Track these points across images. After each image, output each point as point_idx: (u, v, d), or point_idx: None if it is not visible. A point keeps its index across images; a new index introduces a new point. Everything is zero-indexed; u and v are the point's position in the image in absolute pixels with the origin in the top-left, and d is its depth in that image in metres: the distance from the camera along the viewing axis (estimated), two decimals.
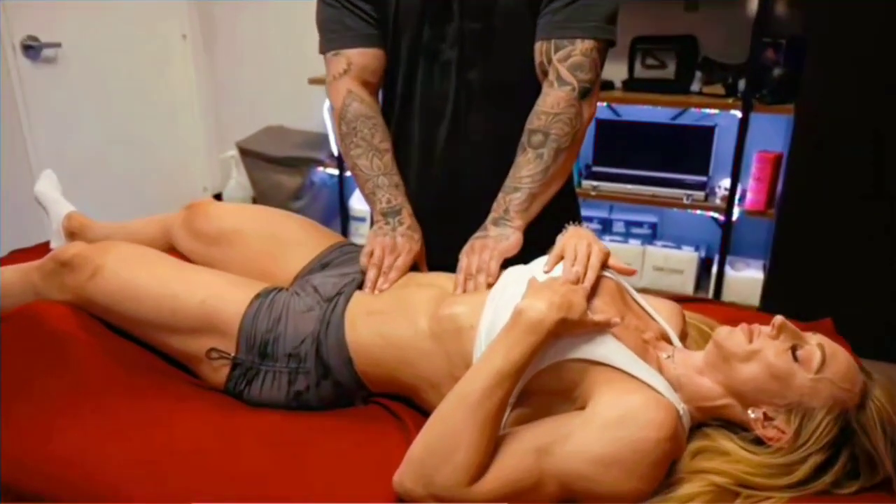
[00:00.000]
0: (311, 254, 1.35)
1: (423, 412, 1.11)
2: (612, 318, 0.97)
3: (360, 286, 1.23)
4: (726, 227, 2.60)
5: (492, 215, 1.26)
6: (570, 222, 1.23)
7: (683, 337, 1.16)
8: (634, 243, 2.86)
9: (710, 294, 2.65)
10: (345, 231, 3.02)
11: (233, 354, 1.14)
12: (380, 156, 1.31)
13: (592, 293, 1.03)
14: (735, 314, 1.46)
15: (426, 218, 1.34)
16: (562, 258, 1.11)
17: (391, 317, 1.13)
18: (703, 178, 2.68)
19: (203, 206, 1.44)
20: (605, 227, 2.94)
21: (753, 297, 2.60)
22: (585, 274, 1.06)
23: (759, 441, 0.94)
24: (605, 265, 1.10)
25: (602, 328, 0.97)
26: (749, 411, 0.95)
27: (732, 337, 0.97)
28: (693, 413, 0.99)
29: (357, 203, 3.05)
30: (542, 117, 1.22)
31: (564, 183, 1.29)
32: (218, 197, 3.28)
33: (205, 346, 1.15)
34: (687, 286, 2.76)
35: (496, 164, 1.29)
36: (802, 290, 2.40)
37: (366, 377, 1.13)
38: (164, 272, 1.20)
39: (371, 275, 1.23)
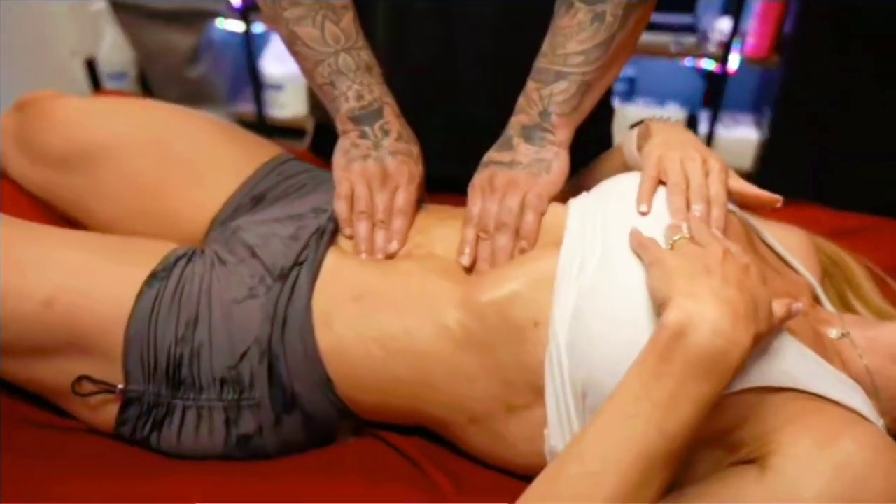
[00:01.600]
0: (233, 179, 0.86)
1: (447, 445, 0.71)
2: (794, 304, 0.58)
3: (332, 237, 0.76)
4: (721, 78, 2.19)
5: (517, 120, 0.79)
6: (640, 123, 0.80)
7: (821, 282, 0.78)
8: None
9: None
10: (259, 105, 2.43)
11: (119, 386, 0.68)
12: (335, 17, 0.80)
13: None
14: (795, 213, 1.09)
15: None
16: (660, 184, 0.69)
17: (393, 304, 0.69)
18: (689, 19, 2.22)
19: (46, 104, 0.90)
20: None
21: (743, 160, 2.26)
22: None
23: None
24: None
25: (781, 326, 0.57)
26: None
27: None
28: (889, 426, 0.63)
29: (272, 65, 2.44)
30: None
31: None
32: (91, 66, 2.58)
33: (69, 373, 0.68)
34: None
35: (509, 30, 0.85)
36: (805, 155, 2.06)
37: (354, 403, 0.71)
38: None
39: (362, 231, 0.77)
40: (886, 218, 1.08)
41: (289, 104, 2.44)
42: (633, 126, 0.84)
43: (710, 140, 2.25)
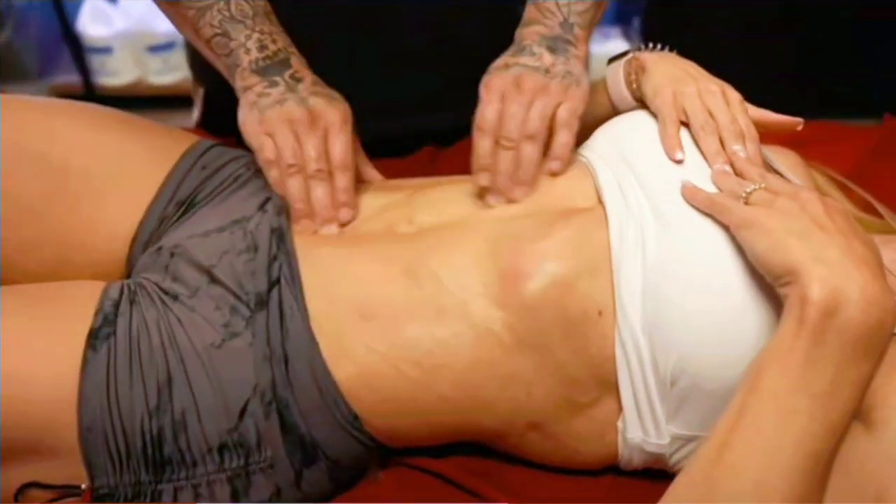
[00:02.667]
0: (148, 185, 0.69)
1: (488, 454, 0.62)
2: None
3: (281, 232, 0.63)
4: None
5: (533, 31, 0.68)
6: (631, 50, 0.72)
7: None
8: None
9: None
10: (83, 72, 2.07)
11: (83, 486, 0.52)
12: None
13: None
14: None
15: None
16: (683, 125, 0.62)
17: (413, 312, 0.57)
18: None
19: None
20: None
21: None
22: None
23: None
24: None
25: None
26: None
27: None
28: None
29: (92, 26, 2.07)
30: None
31: None
32: None
33: (14, 481, 0.51)
34: None
35: None
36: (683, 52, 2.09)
37: (387, 435, 0.59)
38: None
39: (294, 189, 0.63)
40: (825, 122, 1.09)
41: (121, 70, 2.11)
42: (612, 60, 0.75)
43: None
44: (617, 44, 2.27)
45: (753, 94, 0.77)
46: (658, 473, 0.60)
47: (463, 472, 0.61)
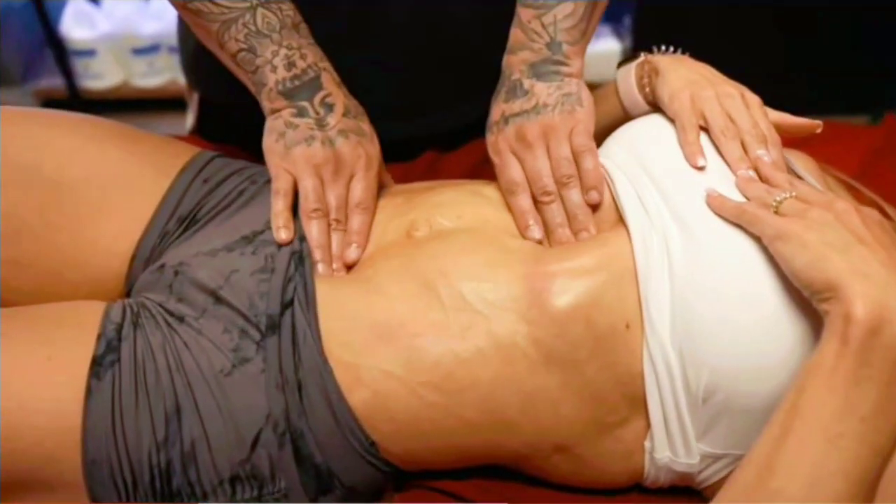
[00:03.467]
0: (148, 200, 0.66)
1: (508, 475, 0.60)
2: None
3: (300, 254, 0.61)
4: None
5: (519, 59, 0.65)
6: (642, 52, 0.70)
7: None
8: None
9: None
10: (67, 76, 2.03)
11: None
12: None
13: None
14: None
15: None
16: (702, 130, 0.61)
17: (433, 331, 0.54)
18: None
19: None
20: None
21: (611, 73, 2.25)
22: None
23: None
24: None
25: None
26: None
27: None
28: None
29: (75, 28, 2.03)
30: None
31: None
32: None
33: None
34: None
35: None
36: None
37: (405, 461, 0.57)
38: None
39: (315, 234, 0.61)
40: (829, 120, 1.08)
41: (106, 73, 2.06)
42: (621, 63, 0.73)
43: None
44: (607, 42, 2.26)
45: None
46: (684, 490, 0.58)
47: (482, 493, 0.59)
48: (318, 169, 0.63)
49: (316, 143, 0.63)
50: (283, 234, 0.61)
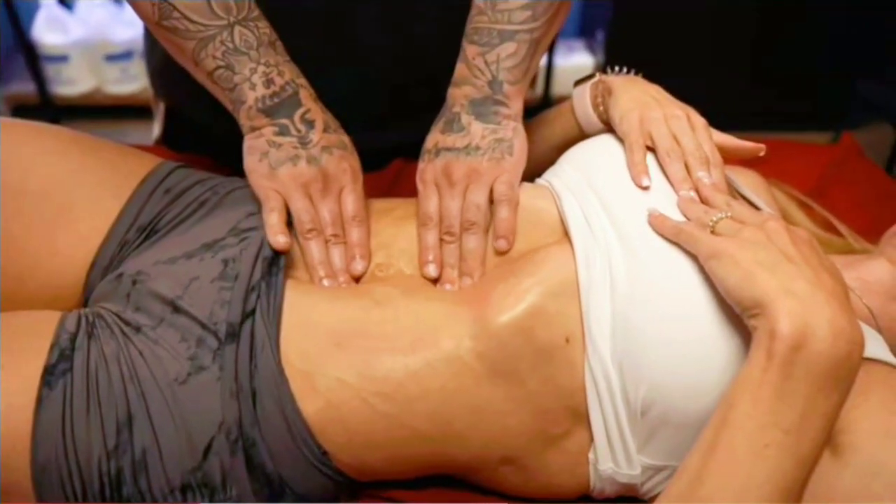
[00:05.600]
0: (108, 209, 0.67)
1: (465, 486, 0.61)
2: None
3: (273, 263, 0.61)
4: None
5: (462, 94, 0.67)
6: (607, 70, 0.72)
7: None
8: None
9: (540, 90, 2.28)
10: (39, 81, 2.01)
11: None
12: None
13: None
14: None
15: None
16: (649, 150, 0.63)
17: (387, 343, 0.56)
18: None
19: None
20: None
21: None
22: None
23: None
24: None
25: None
26: None
27: None
28: None
29: (47, 33, 2.02)
30: None
31: None
32: None
33: None
34: None
35: None
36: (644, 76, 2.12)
37: (357, 470, 0.58)
38: None
39: (315, 253, 0.63)
40: (781, 139, 1.11)
41: (78, 79, 2.05)
42: (578, 82, 0.75)
43: (549, 72, 2.24)
44: (581, 57, 2.29)
45: (714, 107, 0.77)
46: (630, 500, 0.60)
47: (435, 502, 0.60)
48: (306, 188, 0.64)
49: (301, 162, 0.63)
50: (281, 240, 0.61)
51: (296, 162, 0.63)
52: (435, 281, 0.63)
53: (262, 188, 0.64)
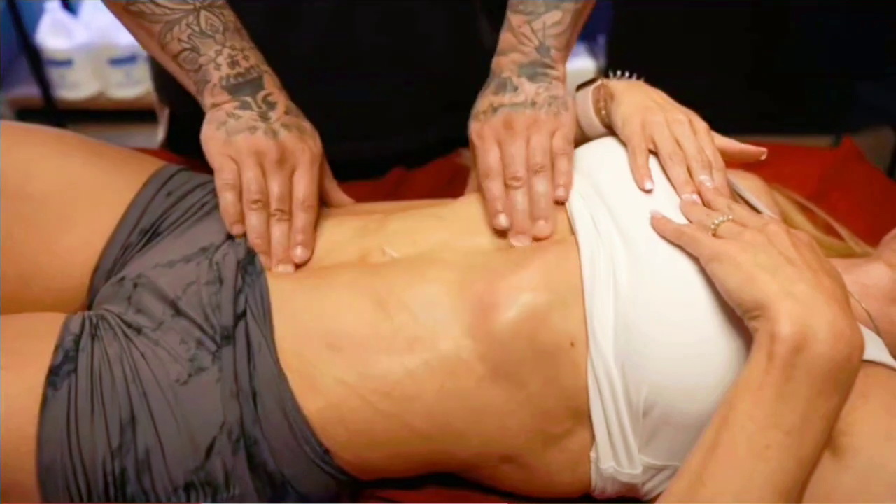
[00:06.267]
0: (111, 212, 0.67)
1: (465, 484, 0.62)
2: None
3: (259, 268, 0.62)
4: None
5: (510, 60, 0.68)
6: (609, 74, 0.73)
7: None
8: None
9: None
10: (43, 85, 2.02)
11: None
12: None
13: None
14: None
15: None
16: (651, 154, 0.63)
17: (383, 344, 0.56)
18: None
19: None
20: None
21: None
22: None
23: None
24: None
25: None
26: None
27: None
28: None
29: (51, 38, 2.03)
30: None
31: None
32: None
33: None
34: None
35: None
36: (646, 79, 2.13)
37: (358, 468, 0.58)
38: None
39: (255, 223, 0.62)
40: (780, 143, 1.12)
41: (82, 83, 2.06)
42: (580, 87, 0.76)
43: None
44: (582, 61, 2.30)
45: (715, 111, 0.78)
46: (631, 500, 0.60)
47: (435, 501, 0.60)
48: (260, 157, 0.62)
49: (259, 133, 0.63)
50: (236, 229, 0.61)
51: (253, 132, 0.63)
52: (503, 234, 0.63)
53: (217, 156, 0.63)
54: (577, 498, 0.61)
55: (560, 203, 0.63)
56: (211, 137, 0.64)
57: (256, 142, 0.62)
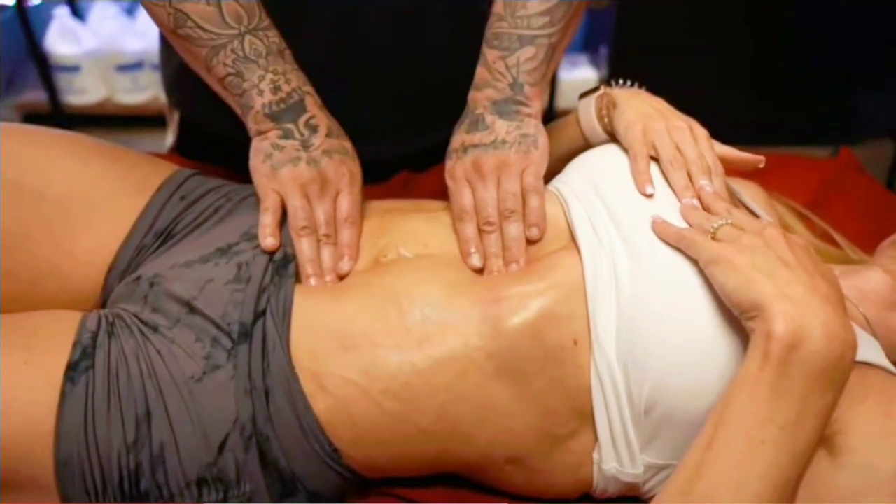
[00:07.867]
0: (126, 215, 0.69)
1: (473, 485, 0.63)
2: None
3: (282, 266, 0.63)
4: None
5: (484, 96, 0.69)
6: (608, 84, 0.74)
7: None
8: None
9: (545, 103, 2.30)
10: (52, 93, 2.04)
11: None
12: None
13: None
14: None
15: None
16: (653, 160, 0.65)
17: (393, 343, 0.58)
18: None
19: None
20: None
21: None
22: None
23: None
24: None
25: None
26: None
27: None
28: None
29: (60, 44, 2.05)
30: None
31: None
32: None
33: None
34: None
35: None
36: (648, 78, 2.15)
37: (366, 467, 0.59)
38: None
39: (306, 250, 0.64)
40: (783, 153, 1.13)
41: (89, 88, 2.08)
42: (583, 95, 0.78)
43: (554, 86, 2.27)
44: (585, 71, 2.32)
45: (715, 120, 0.79)
46: (631, 500, 0.62)
47: (442, 500, 0.62)
48: (304, 188, 0.66)
49: (302, 164, 0.66)
50: (269, 241, 0.63)
51: (296, 163, 0.65)
52: (480, 271, 0.64)
53: (262, 187, 0.66)
54: (578, 498, 0.63)
55: (531, 243, 0.64)
56: (257, 170, 0.67)
57: (300, 174, 0.65)
